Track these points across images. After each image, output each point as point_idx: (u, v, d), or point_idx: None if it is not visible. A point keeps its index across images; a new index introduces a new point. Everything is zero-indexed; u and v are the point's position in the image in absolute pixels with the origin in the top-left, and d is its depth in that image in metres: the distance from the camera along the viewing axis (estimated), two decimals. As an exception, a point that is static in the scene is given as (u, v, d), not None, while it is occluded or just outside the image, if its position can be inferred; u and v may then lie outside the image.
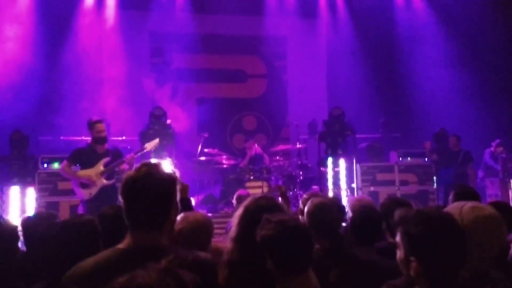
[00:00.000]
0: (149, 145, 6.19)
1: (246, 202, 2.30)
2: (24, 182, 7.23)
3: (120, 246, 1.80)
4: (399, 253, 1.80)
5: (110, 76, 9.72)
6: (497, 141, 9.12)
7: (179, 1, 10.41)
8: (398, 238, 1.80)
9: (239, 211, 2.26)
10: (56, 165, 7.36)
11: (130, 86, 9.67)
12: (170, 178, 1.84)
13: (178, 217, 2.51)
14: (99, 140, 5.91)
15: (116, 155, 5.92)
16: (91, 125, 5.90)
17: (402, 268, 1.80)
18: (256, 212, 2.15)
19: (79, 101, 8.99)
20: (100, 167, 5.80)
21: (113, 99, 9.37)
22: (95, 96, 9.29)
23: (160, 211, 1.80)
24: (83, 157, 5.90)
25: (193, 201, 8.96)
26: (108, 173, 5.83)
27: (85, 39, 9.56)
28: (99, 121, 5.93)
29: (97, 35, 9.87)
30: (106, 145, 6.00)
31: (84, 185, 5.79)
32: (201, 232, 2.51)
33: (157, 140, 6.31)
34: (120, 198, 1.84)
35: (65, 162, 5.92)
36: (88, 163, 5.83)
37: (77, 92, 9.20)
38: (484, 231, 1.89)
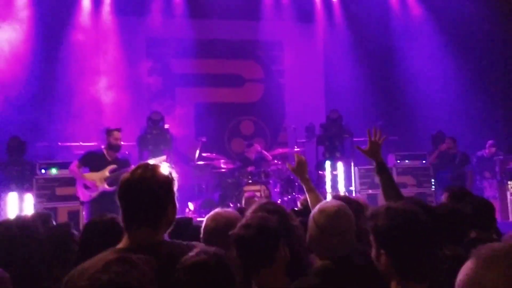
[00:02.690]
0: (156, 161, 6.44)
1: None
2: (22, 188, 7.22)
3: (119, 246, 1.84)
4: (373, 250, 1.90)
5: (107, 83, 9.69)
6: (490, 142, 9.16)
7: (176, 6, 10.41)
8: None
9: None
10: (54, 171, 7.40)
11: (127, 92, 9.64)
12: (165, 180, 1.88)
13: (211, 214, 2.66)
14: (114, 147, 6.23)
15: (123, 164, 6.19)
16: (109, 132, 6.26)
17: (376, 264, 1.89)
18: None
19: (75, 108, 9.00)
20: (106, 172, 6.13)
21: (110, 105, 9.36)
22: (92, 103, 9.27)
23: (155, 212, 1.84)
24: (93, 160, 6.23)
25: (191, 206, 8.95)
26: (111, 179, 6.06)
27: (82, 45, 9.54)
28: (118, 129, 6.29)
29: (93, 41, 9.85)
30: (117, 154, 6.32)
31: (86, 187, 6.13)
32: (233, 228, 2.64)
33: (164, 157, 6.52)
34: (117, 200, 1.89)
35: (75, 162, 6.28)
36: (97, 167, 6.15)
37: (74, 99, 9.18)
38: (335, 221, 2.23)
